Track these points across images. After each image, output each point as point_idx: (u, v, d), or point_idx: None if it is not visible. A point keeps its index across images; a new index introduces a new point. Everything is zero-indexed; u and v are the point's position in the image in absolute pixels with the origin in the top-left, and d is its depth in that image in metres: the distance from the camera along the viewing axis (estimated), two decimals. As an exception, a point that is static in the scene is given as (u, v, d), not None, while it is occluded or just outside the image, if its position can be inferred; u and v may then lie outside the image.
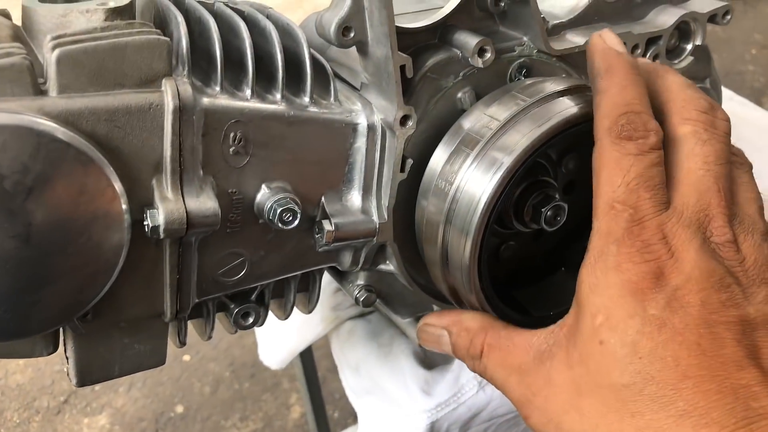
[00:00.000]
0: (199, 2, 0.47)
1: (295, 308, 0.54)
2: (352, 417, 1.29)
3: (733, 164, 0.41)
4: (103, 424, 1.32)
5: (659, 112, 0.42)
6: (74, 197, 0.38)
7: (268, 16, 0.47)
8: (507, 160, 0.43)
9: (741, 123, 0.86)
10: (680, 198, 0.38)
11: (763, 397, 0.33)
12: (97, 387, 1.39)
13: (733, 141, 0.87)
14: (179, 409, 1.34)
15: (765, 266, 0.38)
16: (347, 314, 0.68)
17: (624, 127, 0.39)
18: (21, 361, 1.45)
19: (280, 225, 0.44)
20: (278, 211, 0.43)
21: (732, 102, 0.91)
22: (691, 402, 0.34)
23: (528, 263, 0.55)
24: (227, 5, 0.47)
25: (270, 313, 0.53)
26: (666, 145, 0.40)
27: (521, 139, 0.44)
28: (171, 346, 0.49)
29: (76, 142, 0.37)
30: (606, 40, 0.43)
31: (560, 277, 0.55)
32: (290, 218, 0.44)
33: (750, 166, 0.43)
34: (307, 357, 0.96)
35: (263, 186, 0.45)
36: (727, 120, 0.42)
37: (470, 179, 0.45)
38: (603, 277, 0.37)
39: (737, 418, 0.33)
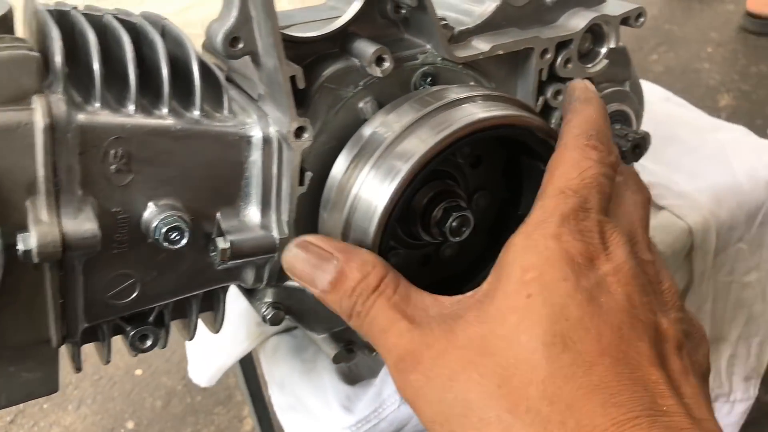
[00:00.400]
0: (85, 14, 0.45)
1: (225, 322, 0.52)
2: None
3: None
4: (52, 443, 1.29)
5: None
6: (-64, 223, 0.36)
7: (163, 28, 0.46)
8: (404, 167, 0.42)
9: (676, 124, 0.86)
10: (616, 218, 0.42)
11: (667, 397, 0.34)
12: (45, 405, 1.35)
13: (668, 141, 0.87)
14: (130, 425, 1.31)
15: (676, 295, 0.41)
16: (273, 329, 0.67)
17: (592, 138, 0.42)
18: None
19: (166, 244, 0.42)
20: (163, 230, 0.42)
21: (669, 103, 0.91)
22: (604, 379, 0.33)
23: (437, 277, 0.54)
24: (116, 17, 0.45)
25: (200, 329, 0.51)
26: None
27: (420, 145, 0.43)
28: (123, 360, 0.47)
29: (-65, 164, 0.35)
30: (586, 83, 0.48)
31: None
32: (177, 237, 0.42)
33: None
34: (248, 369, 0.94)
35: (150, 204, 0.43)
36: (648, 189, 0.48)
37: (368, 188, 0.43)
38: (541, 240, 0.37)
39: (644, 408, 0.33)
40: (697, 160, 0.80)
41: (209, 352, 0.73)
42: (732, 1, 2.70)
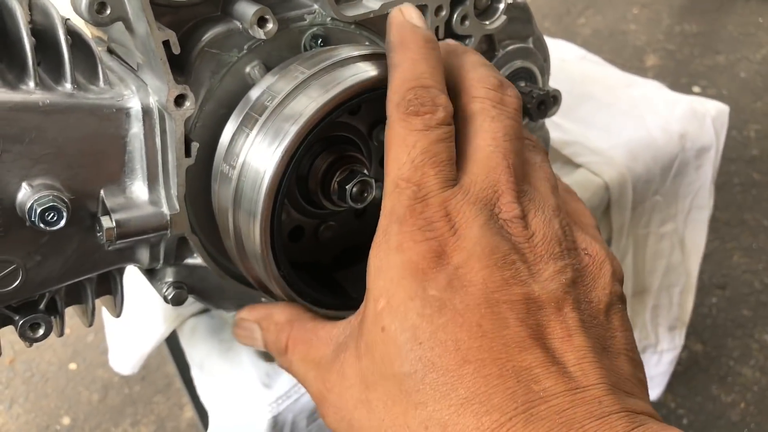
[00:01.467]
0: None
1: (139, 308, 0.50)
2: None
3: (527, 147, 0.40)
4: (-16, 446, 1.25)
5: (453, 92, 0.40)
6: None
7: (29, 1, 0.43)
8: (293, 129, 0.40)
9: (591, 82, 0.86)
10: (468, 175, 0.37)
11: (543, 379, 0.32)
12: (-25, 407, 1.30)
13: (583, 99, 0.88)
14: (65, 420, 1.27)
15: (554, 241, 0.36)
16: (189, 311, 0.65)
17: (411, 101, 0.37)
18: None
19: (43, 226, 0.40)
20: (38, 210, 0.39)
21: (585, 61, 0.91)
22: (471, 388, 0.32)
23: (355, 242, 0.52)
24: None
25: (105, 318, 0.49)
26: (458, 124, 0.39)
27: (309, 104, 0.41)
28: (56, 354, 0.45)
29: None
30: (404, 14, 0.42)
31: None
32: (54, 217, 0.40)
33: (545, 152, 0.42)
34: (177, 353, 0.92)
35: (24, 184, 0.40)
36: (518, 97, 0.40)
37: (255, 154, 0.41)
38: (385, 258, 0.35)
39: (518, 403, 0.31)
40: (612, 116, 0.81)
41: (128, 339, 0.70)
42: (655, -39, 2.75)
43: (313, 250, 0.51)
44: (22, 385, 1.33)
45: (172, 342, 0.86)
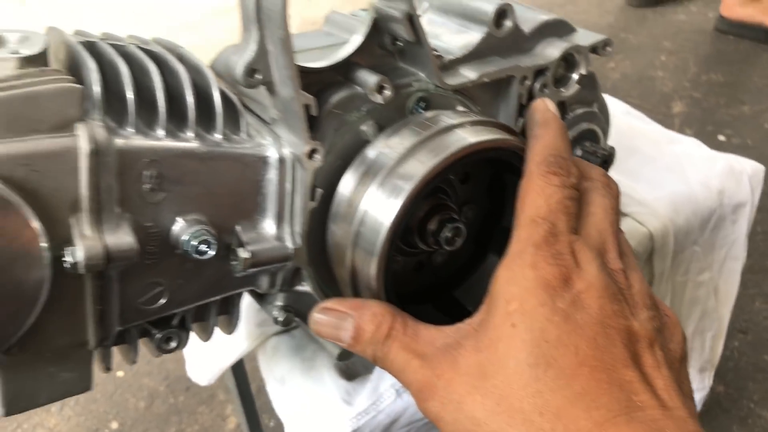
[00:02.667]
0: (112, 45, 0.49)
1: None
2: (288, 425, 1.32)
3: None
4: (36, 446, 1.31)
5: None
6: (-6, 239, 0.40)
7: (179, 57, 0.50)
8: (407, 187, 0.47)
9: (637, 136, 0.93)
10: (585, 230, 0.46)
11: (640, 393, 0.39)
12: (28, 408, 1.37)
13: (629, 152, 0.95)
14: (114, 425, 1.33)
15: (646, 295, 0.45)
16: (272, 330, 0.71)
17: (552, 164, 0.47)
18: (-54, 386, 1.41)
19: (196, 256, 0.47)
20: (193, 243, 0.46)
21: (629, 116, 0.98)
22: (585, 387, 0.38)
23: (458, 261, 0.60)
24: (139, 47, 0.50)
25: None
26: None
27: (420, 167, 0.48)
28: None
29: (-6, 187, 0.39)
30: (546, 104, 0.53)
31: (488, 263, 0.60)
32: (206, 249, 0.47)
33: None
34: (238, 369, 0.99)
35: (178, 219, 0.47)
36: (617, 186, 0.51)
37: (375, 205, 0.48)
38: (520, 271, 0.42)
39: (621, 406, 0.38)
40: (656, 170, 0.87)
41: (209, 353, 0.77)
42: (684, 11, 2.83)
43: (425, 277, 0.59)
44: (72, 389, 1.40)
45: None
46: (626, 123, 0.95)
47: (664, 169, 0.87)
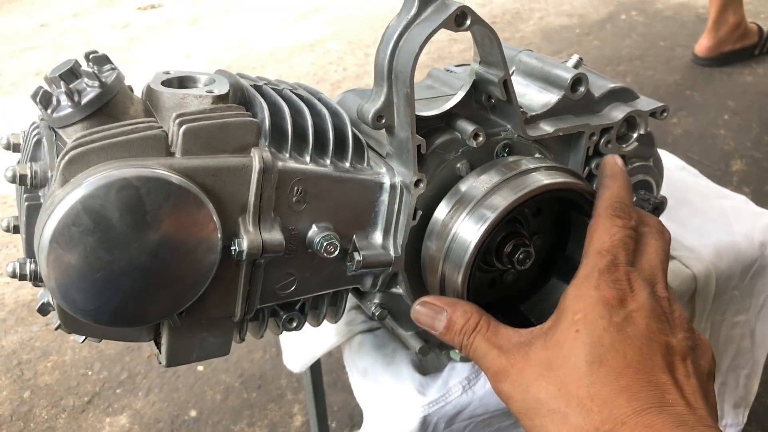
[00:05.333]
0: (273, 89, 0.64)
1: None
2: (348, 428, 1.44)
3: None
4: (123, 424, 1.46)
5: None
6: (188, 227, 0.54)
7: (320, 100, 0.65)
8: (491, 216, 0.60)
9: (689, 190, 1.04)
10: (640, 264, 0.57)
11: (672, 393, 0.49)
12: (119, 390, 1.53)
13: (681, 203, 1.05)
14: (193, 413, 1.48)
15: (685, 320, 0.56)
16: (358, 329, 0.84)
17: (617, 209, 0.59)
18: (49, 364, 1.59)
19: (324, 254, 0.60)
20: (324, 244, 0.60)
21: (683, 172, 1.09)
22: (628, 383, 0.49)
23: (525, 281, 0.72)
24: (292, 90, 0.65)
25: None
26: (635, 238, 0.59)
27: (502, 201, 0.61)
28: None
29: (193, 189, 0.54)
30: (616, 160, 0.66)
31: (551, 285, 0.72)
32: (332, 249, 0.60)
33: None
34: (315, 369, 1.12)
35: (314, 225, 0.61)
36: (669, 233, 0.62)
37: (463, 228, 0.61)
38: (586, 291, 0.54)
39: (655, 401, 0.48)
40: (704, 221, 0.98)
41: (303, 345, 0.91)
42: (751, 73, 2.89)
43: (495, 291, 0.71)
44: (158, 378, 1.55)
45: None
46: (680, 177, 1.06)
47: (711, 221, 0.98)
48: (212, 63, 3.10)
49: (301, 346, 0.91)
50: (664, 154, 1.15)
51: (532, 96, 0.72)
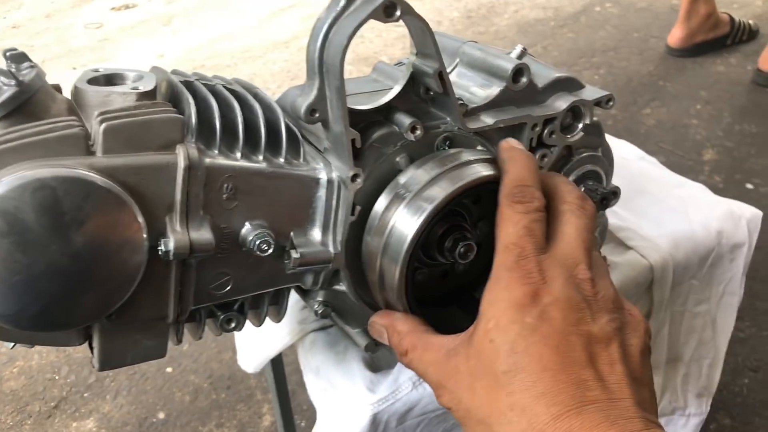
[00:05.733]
0: (202, 83, 0.62)
1: (267, 318, 0.69)
2: (317, 427, 1.43)
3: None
4: (91, 428, 1.44)
5: (548, 197, 0.59)
6: (110, 228, 0.53)
7: (255, 95, 0.63)
8: (428, 207, 0.59)
9: (648, 180, 1.03)
10: (557, 248, 0.55)
11: (593, 389, 0.47)
12: (86, 394, 1.51)
13: (639, 193, 1.05)
14: (161, 415, 1.46)
15: (610, 300, 0.53)
16: (311, 327, 0.83)
17: (516, 194, 0.56)
18: (15, 369, 1.57)
19: (258, 253, 0.59)
20: (257, 242, 0.59)
21: (643, 161, 1.08)
22: (547, 387, 0.47)
23: (478, 267, 0.70)
24: (224, 86, 0.63)
25: (248, 323, 0.68)
26: (551, 218, 0.57)
27: (440, 191, 0.60)
28: (156, 361, 0.63)
29: (114, 189, 0.52)
30: (510, 142, 0.63)
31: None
32: (266, 248, 0.59)
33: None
34: (278, 369, 1.11)
35: (247, 223, 0.60)
36: (593, 207, 0.59)
37: (401, 221, 0.60)
38: (497, 294, 0.53)
39: (575, 401, 0.47)
40: (662, 210, 0.97)
41: (256, 345, 0.89)
42: (723, 63, 2.90)
43: (434, 287, 0.70)
44: (126, 380, 1.54)
45: (275, 359, 1.04)
46: (639, 167, 1.05)
47: (669, 210, 0.97)
48: (185, 62, 3.07)
49: (255, 346, 0.90)
50: (623, 144, 1.14)
51: (475, 88, 0.71)
